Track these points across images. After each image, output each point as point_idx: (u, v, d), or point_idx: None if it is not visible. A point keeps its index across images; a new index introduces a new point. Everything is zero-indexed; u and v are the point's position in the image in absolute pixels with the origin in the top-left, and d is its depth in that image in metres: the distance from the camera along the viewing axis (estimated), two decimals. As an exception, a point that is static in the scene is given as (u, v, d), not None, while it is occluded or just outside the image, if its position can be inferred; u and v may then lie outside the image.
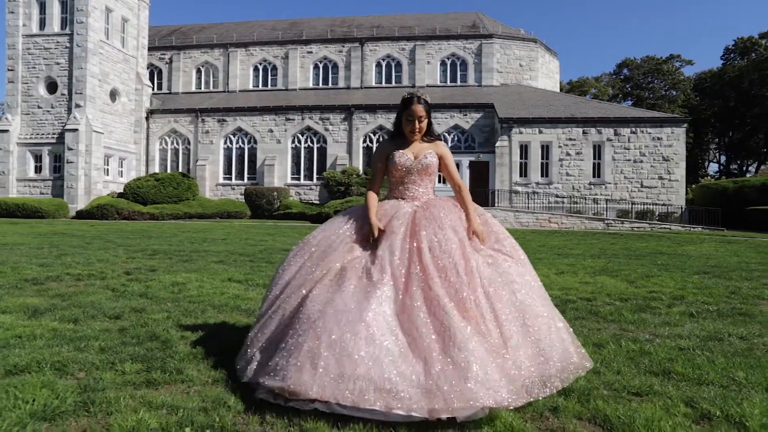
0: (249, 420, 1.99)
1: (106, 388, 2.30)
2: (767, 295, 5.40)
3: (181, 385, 2.39)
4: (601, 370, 2.70)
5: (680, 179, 22.02)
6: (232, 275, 6.22)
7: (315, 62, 30.76)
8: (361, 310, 2.15)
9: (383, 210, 2.66)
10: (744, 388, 2.48)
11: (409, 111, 2.71)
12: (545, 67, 31.00)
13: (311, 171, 26.61)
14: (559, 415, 2.09)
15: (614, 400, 2.25)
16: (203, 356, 2.82)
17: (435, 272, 2.26)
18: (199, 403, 2.13)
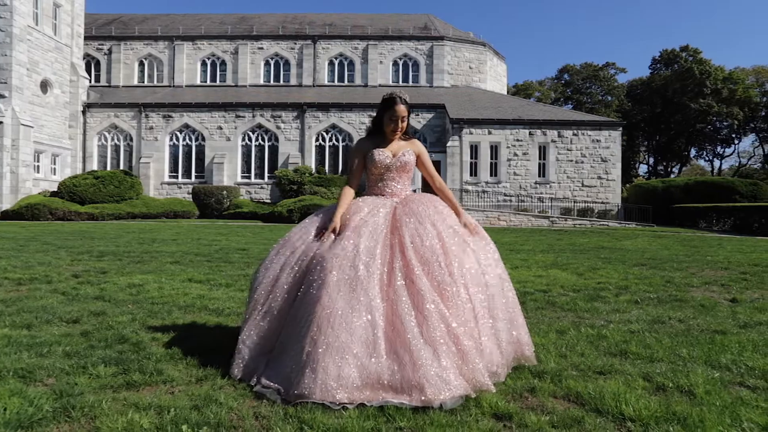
0: (244, 415, 2.00)
1: (84, 393, 2.23)
2: (695, 284, 5.97)
3: (164, 386, 2.35)
4: (567, 353, 2.92)
5: (616, 179, 23.57)
6: (191, 276, 6.04)
7: (266, 59, 30.12)
8: (352, 308, 2.21)
9: (364, 205, 2.72)
10: (688, 363, 2.77)
11: (392, 111, 2.79)
12: (493, 70, 32.09)
13: (262, 170, 26.05)
14: (537, 395, 2.26)
15: (583, 379, 2.46)
16: (181, 356, 2.77)
17: (418, 265, 2.36)
18: (189, 401, 2.12)
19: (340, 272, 2.31)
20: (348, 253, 2.38)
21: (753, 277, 6.51)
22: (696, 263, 8.02)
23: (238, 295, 4.86)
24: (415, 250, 2.41)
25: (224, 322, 3.74)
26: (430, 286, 2.31)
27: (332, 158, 26.13)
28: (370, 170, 2.85)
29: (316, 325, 2.18)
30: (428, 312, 2.22)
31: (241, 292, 5.09)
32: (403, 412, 1.99)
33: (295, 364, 2.15)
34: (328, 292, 2.26)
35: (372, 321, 2.19)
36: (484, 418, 2.00)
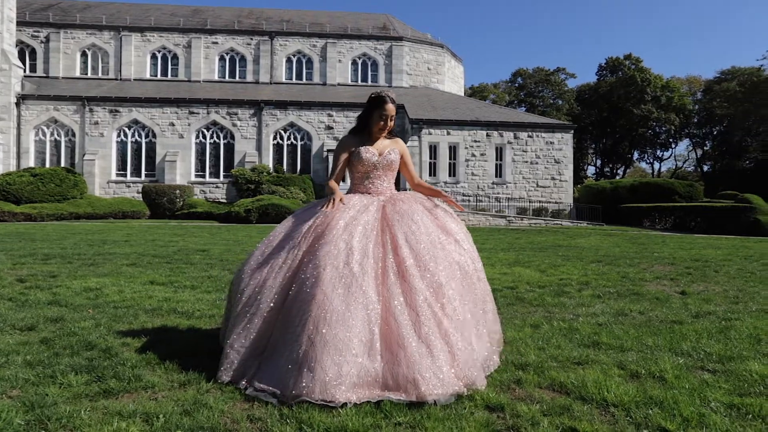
0: (237, 418, 1.95)
1: (58, 403, 2.09)
2: (648, 278, 6.35)
3: (145, 392, 2.24)
4: (544, 346, 3.03)
5: (569, 180, 24.63)
6: (152, 278, 5.78)
7: (221, 54, 29.23)
8: (348, 306, 2.19)
9: (353, 204, 2.70)
10: (655, 351, 2.95)
11: (382, 109, 2.79)
12: (451, 72, 32.69)
13: (218, 168, 25.26)
14: (524, 386, 2.34)
15: (563, 370, 2.56)
16: (157, 361, 2.65)
17: (413, 264, 2.37)
18: (176, 407, 2.03)
19: (334, 270, 2.29)
20: (341, 251, 2.36)
21: (696, 272, 7.00)
22: (645, 259, 8.52)
23: (206, 297, 4.70)
24: (410, 248, 2.43)
25: (197, 325, 3.61)
26: (424, 285, 2.33)
27: (290, 157, 25.72)
28: (356, 168, 2.84)
29: (313, 324, 2.15)
30: (422, 310, 2.24)
31: (208, 293, 4.93)
32: (400, 408, 2.00)
33: (292, 364, 2.11)
34: (323, 290, 2.23)
35: (368, 319, 2.18)
36: (477, 410, 2.05)
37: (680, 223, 19.03)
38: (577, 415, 2.00)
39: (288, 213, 19.39)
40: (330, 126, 25.59)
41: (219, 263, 7.29)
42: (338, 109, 25.66)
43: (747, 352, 2.94)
